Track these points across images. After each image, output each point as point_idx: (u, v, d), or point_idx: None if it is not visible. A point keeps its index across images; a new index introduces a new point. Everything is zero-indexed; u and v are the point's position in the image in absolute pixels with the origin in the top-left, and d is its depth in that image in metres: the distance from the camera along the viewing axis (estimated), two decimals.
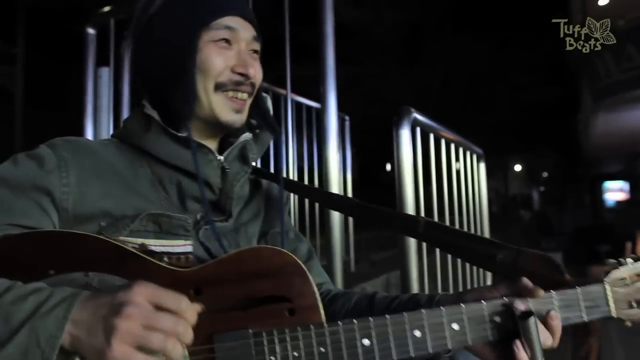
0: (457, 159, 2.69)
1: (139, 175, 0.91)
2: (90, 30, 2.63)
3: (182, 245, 0.89)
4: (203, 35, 0.91)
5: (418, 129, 2.09)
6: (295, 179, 3.04)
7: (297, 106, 3.38)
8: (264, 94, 1.06)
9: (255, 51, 0.97)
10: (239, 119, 0.95)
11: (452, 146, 2.60)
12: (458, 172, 2.70)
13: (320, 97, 1.97)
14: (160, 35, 0.92)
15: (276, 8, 2.14)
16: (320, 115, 3.46)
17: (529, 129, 18.69)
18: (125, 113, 2.65)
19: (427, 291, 2.13)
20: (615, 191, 22.96)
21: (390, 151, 1.91)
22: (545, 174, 29.54)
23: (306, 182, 3.63)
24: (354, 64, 12.02)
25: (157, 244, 0.86)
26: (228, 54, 0.93)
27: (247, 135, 0.99)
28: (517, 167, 28.67)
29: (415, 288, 1.91)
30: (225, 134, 1.00)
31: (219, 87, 0.92)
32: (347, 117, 4.20)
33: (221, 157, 0.95)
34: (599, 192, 23.14)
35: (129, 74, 1.05)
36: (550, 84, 16.20)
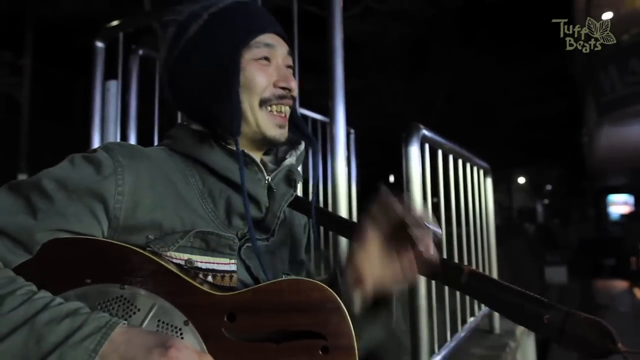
0: (465, 174, 2.68)
1: (190, 185, 0.92)
2: (99, 44, 2.65)
3: (227, 264, 0.90)
4: (244, 55, 0.94)
5: (427, 146, 2.08)
6: (301, 192, 3.03)
7: (302, 119, 3.39)
8: None
9: (290, 66, 1.01)
10: (283, 133, 0.99)
11: (460, 162, 2.59)
12: (465, 187, 2.69)
13: (329, 111, 1.96)
14: (201, 59, 0.94)
15: (284, 22, 2.14)
16: (325, 128, 3.49)
17: (534, 142, 18.70)
18: (132, 126, 2.66)
19: (434, 312, 2.11)
20: (619, 204, 22.88)
21: (394, 163, 1.89)
22: (549, 187, 29.48)
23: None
24: (358, 76, 12.05)
25: (203, 261, 0.87)
26: (269, 70, 0.96)
27: (291, 160, 1.03)
28: (521, 180, 28.62)
29: (423, 304, 1.89)
30: (267, 149, 1.03)
31: (264, 102, 0.95)
32: (352, 131, 4.20)
33: (269, 177, 0.98)
34: (603, 206, 23.05)
35: (170, 100, 1.05)
36: (555, 98, 16.23)
